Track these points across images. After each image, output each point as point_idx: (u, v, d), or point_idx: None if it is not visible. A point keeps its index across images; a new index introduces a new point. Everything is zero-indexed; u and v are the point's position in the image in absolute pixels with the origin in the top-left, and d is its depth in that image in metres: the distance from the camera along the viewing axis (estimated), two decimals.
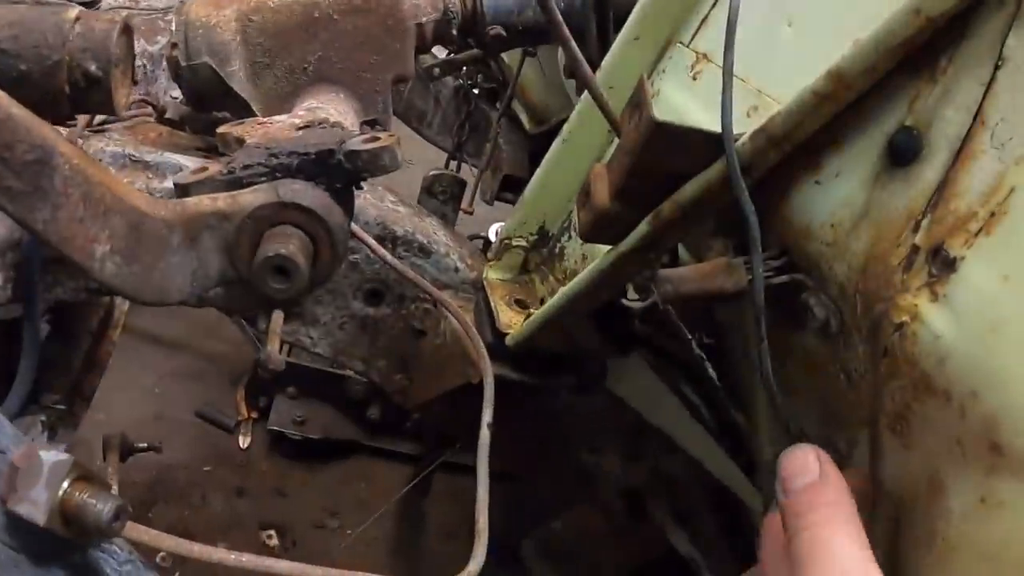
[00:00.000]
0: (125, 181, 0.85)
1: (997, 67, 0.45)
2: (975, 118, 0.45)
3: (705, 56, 0.71)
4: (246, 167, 0.62)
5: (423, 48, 0.91)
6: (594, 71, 0.91)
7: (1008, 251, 0.42)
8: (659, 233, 0.62)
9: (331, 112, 0.79)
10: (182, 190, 0.60)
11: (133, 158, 0.89)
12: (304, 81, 0.87)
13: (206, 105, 0.91)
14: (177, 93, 1.89)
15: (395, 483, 1.66)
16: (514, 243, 0.94)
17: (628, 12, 0.91)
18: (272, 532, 1.57)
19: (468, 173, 1.86)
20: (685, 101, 0.72)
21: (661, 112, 0.60)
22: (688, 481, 1.13)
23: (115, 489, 0.90)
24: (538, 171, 0.89)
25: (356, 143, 0.61)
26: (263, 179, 0.62)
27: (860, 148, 0.52)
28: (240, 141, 0.71)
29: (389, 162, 0.60)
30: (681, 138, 0.57)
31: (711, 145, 0.56)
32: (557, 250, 0.92)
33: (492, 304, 0.92)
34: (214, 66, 0.86)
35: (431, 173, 1.06)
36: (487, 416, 0.78)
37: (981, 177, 0.44)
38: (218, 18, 0.85)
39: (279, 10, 0.86)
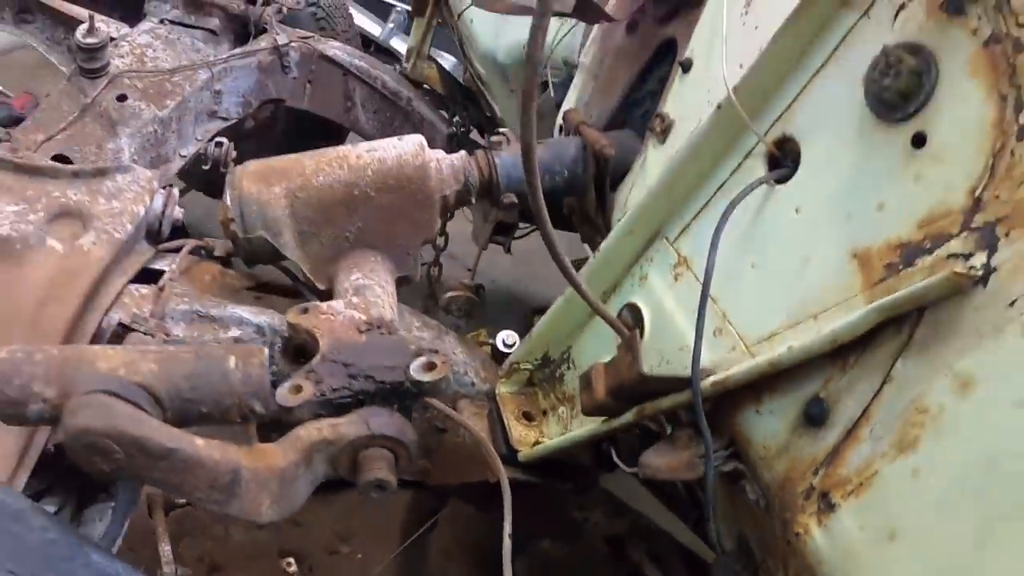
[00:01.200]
0: (196, 335, 1.08)
1: (884, 381, 0.71)
2: (863, 412, 0.72)
3: (686, 261, 0.96)
4: (334, 390, 0.86)
5: (446, 212, 1.13)
6: (594, 225, 1.16)
7: (867, 512, 0.70)
8: (640, 421, 0.90)
9: (379, 294, 1.01)
10: (287, 411, 0.84)
11: (200, 314, 1.10)
12: (346, 247, 1.09)
13: (259, 261, 1.12)
14: (185, 151, 2.05)
15: (400, 508, 1.96)
16: (522, 366, 1.20)
17: (619, 174, 1.15)
18: (291, 560, 1.85)
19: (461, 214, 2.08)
20: (667, 298, 0.96)
21: (649, 304, 0.87)
22: (661, 531, 1.44)
23: (167, 548, 1.15)
24: (544, 318, 1.13)
25: (419, 371, 0.86)
26: (348, 399, 0.86)
27: (788, 401, 0.79)
28: (311, 335, 0.95)
29: (446, 387, 0.85)
30: (661, 380, 0.83)
31: (683, 383, 0.83)
32: (558, 375, 1.18)
33: (504, 418, 1.18)
34: (268, 238, 1.07)
35: (448, 295, 1.29)
36: (507, 528, 1.06)
37: (859, 456, 0.72)
38: (269, 195, 1.06)
39: (323, 188, 1.06)
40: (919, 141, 0.69)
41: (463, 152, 1.13)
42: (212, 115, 2.10)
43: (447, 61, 2.54)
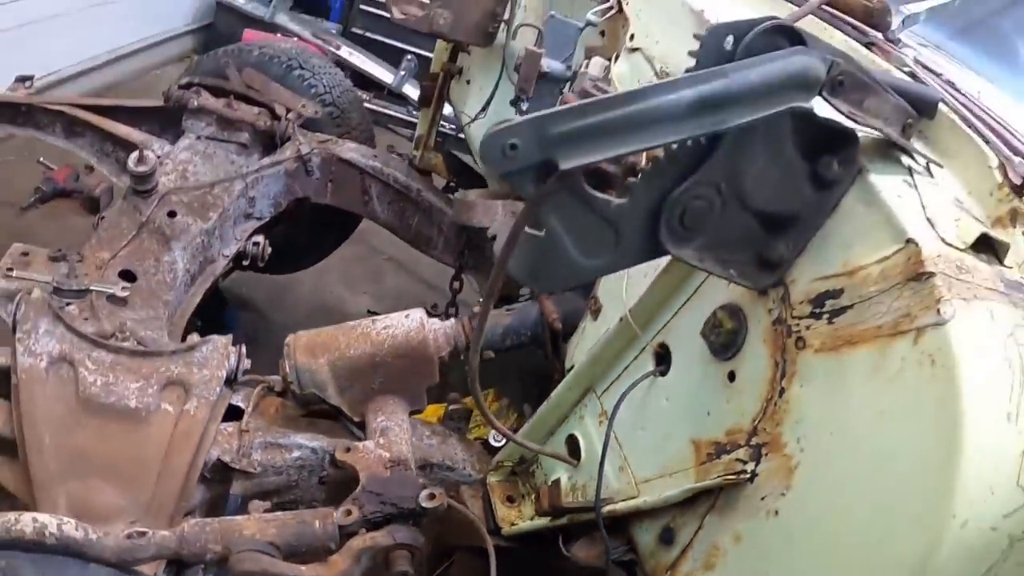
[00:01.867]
0: (269, 459, 1.57)
1: (700, 526, 1.17)
2: (690, 541, 1.18)
3: (606, 413, 1.41)
4: (372, 512, 1.34)
5: (443, 365, 1.60)
6: (553, 371, 1.62)
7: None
8: (570, 524, 1.38)
9: (398, 434, 1.49)
10: (344, 528, 1.33)
11: (271, 443, 1.58)
12: (373, 394, 1.57)
13: (310, 404, 1.60)
14: (228, 252, 2.48)
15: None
16: (505, 463, 1.68)
17: (569, 330, 1.60)
18: None
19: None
20: (594, 436, 1.43)
21: (584, 438, 1.34)
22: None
23: None
24: (519, 433, 1.60)
25: (426, 500, 1.34)
26: (380, 518, 1.34)
27: (655, 524, 1.25)
28: (353, 470, 1.43)
29: (442, 514, 1.33)
30: (577, 508, 1.31)
31: (591, 509, 1.30)
32: (530, 471, 1.66)
33: (492, 501, 1.66)
34: (317, 392, 1.55)
35: (450, 407, 1.76)
36: None
37: (686, 568, 1.18)
38: (316, 366, 1.54)
39: (354, 357, 1.54)
40: (732, 376, 1.13)
41: (454, 320, 1.59)
42: (248, 217, 2.57)
43: None
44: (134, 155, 2.25)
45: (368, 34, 5.15)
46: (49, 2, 3.91)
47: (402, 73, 4.75)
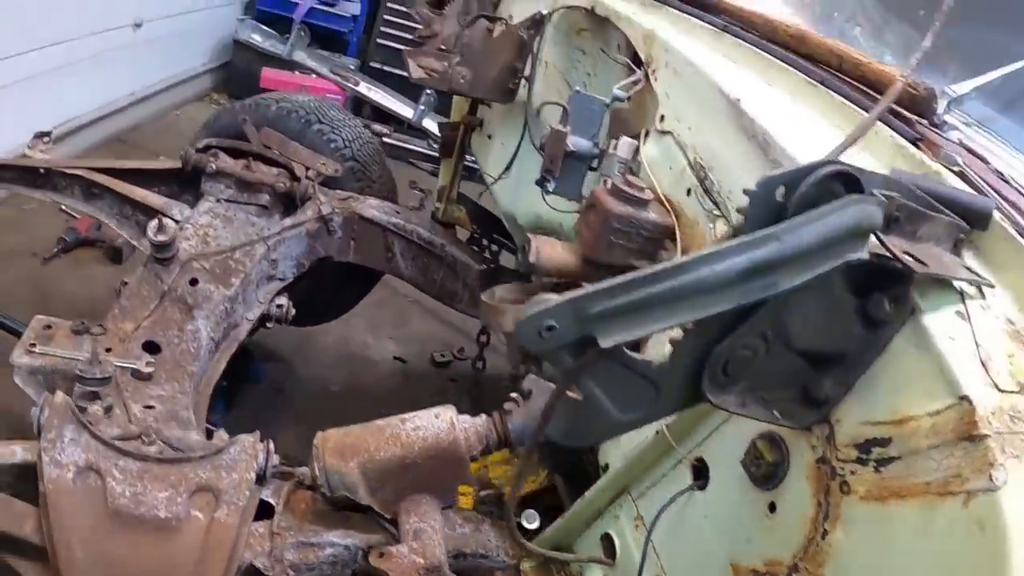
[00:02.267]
0: (301, 558, 1.57)
1: None
2: None
3: (641, 517, 1.40)
4: None
5: (474, 461, 1.59)
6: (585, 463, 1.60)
7: None
8: None
9: (431, 536, 1.48)
10: None
11: (303, 542, 1.58)
12: (404, 492, 1.56)
13: (339, 504, 1.60)
14: (251, 315, 2.48)
15: None
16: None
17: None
18: None
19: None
20: (629, 538, 1.41)
21: (619, 537, 1.32)
22: None
23: None
24: (550, 529, 1.59)
25: None
26: None
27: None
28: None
29: None
30: None
31: None
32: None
33: None
34: (347, 494, 1.55)
35: (481, 493, 1.75)
36: None
37: None
38: (346, 468, 1.53)
39: (384, 460, 1.54)
40: (772, 507, 1.11)
41: (484, 417, 1.58)
42: (271, 279, 2.57)
43: None
44: (153, 224, 2.24)
45: (386, 68, 5.18)
46: (68, 48, 3.97)
47: (421, 108, 4.77)
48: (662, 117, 1.60)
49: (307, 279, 2.74)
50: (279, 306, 2.51)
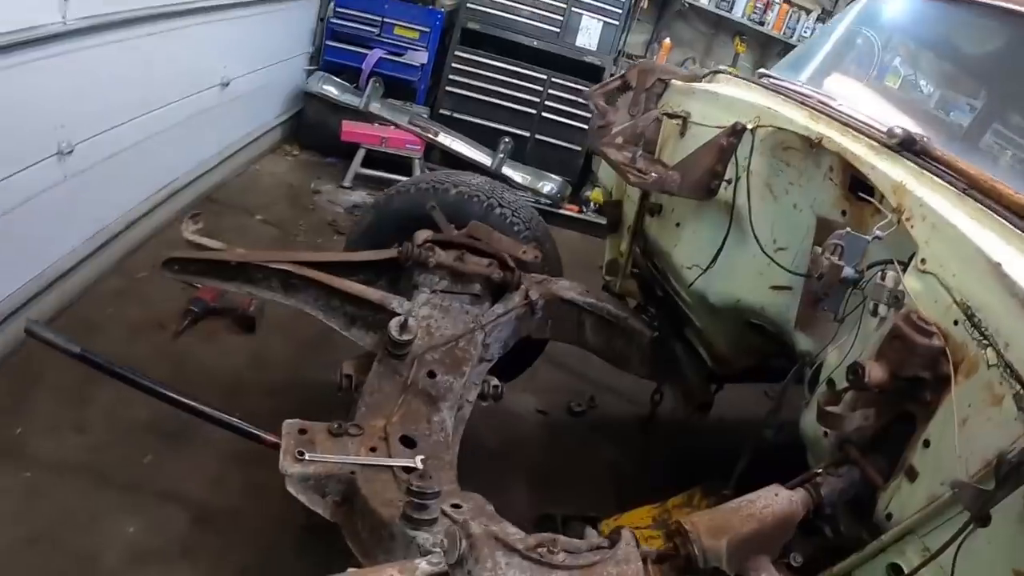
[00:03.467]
0: None
1: None
2: None
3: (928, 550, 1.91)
4: None
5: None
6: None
7: None
8: None
9: None
10: None
11: None
12: (749, 556, 2.03)
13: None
14: (471, 397, 2.84)
15: None
16: None
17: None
18: None
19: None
20: None
21: None
22: None
23: None
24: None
25: None
26: None
27: None
28: None
29: None
30: None
31: None
32: None
33: None
34: (716, 565, 2.00)
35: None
36: None
37: None
38: (719, 546, 1.99)
39: (745, 534, 1.99)
40: None
41: (802, 491, 2.07)
42: (483, 360, 2.92)
43: None
44: (396, 322, 2.51)
45: (455, 115, 5.46)
46: (165, 112, 4.15)
47: (500, 155, 5.09)
48: (923, 260, 1.92)
49: None
50: (495, 386, 2.85)
